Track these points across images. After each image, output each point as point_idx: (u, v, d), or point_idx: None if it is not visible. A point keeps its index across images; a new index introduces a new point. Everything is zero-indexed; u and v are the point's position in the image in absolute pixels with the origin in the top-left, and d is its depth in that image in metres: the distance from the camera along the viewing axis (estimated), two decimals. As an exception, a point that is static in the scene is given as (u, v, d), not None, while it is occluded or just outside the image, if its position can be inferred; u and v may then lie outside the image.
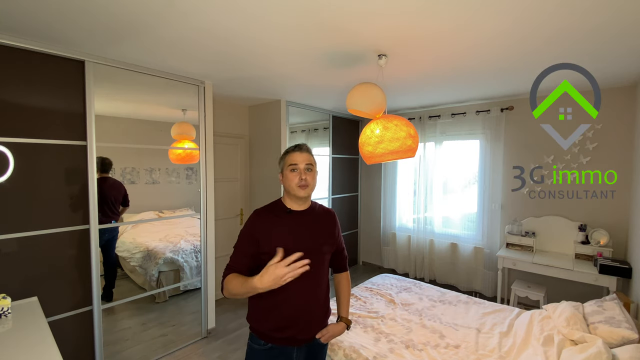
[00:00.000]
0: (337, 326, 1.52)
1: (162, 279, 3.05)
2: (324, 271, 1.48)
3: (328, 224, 1.52)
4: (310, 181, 1.41)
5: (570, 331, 2.02)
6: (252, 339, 1.44)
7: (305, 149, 1.45)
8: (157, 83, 2.73)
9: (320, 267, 1.44)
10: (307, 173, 1.41)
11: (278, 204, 1.47)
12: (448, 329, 2.31)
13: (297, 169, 1.40)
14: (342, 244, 1.62)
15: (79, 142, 2.30)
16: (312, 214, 1.48)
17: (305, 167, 1.41)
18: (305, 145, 1.46)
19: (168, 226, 3.17)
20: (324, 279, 1.48)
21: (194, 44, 2.13)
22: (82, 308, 2.35)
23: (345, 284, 1.64)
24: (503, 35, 1.96)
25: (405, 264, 4.72)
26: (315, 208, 1.53)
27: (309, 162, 1.42)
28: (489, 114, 3.83)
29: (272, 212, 1.43)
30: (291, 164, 1.41)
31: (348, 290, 1.64)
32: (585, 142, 3.27)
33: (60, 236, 2.25)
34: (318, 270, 1.42)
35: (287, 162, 1.43)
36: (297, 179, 1.39)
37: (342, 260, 1.63)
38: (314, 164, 1.46)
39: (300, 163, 1.41)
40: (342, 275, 1.65)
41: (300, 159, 1.41)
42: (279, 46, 2.16)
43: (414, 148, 2.18)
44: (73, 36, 2.00)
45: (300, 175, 1.39)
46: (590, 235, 3.19)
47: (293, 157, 1.42)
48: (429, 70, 2.69)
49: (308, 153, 1.45)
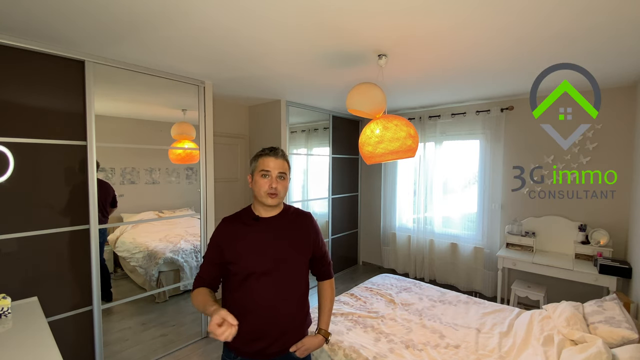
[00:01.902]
0: (313, 339, 1.42)
1: (162, 279, 3.05)
2: (299, 280, 1.38)
3: (302, 229, 1.42)
4: (280, 190, 1.33)
5: (570, 331, 2.02)
6: (224, 352, 1.38)
7: (281, 154, 1.35)
8: (157, 83, 2.73)
9: (292, 276, 1.35)
10: (278, 181, 1.32)
11: (247, 211, 1.40)
12: (448, 329, 2.31)
13: (269, 175, 1.31)
14: (322, 249, 1.49)
15: (79, 142, 2.30)
16: (284, 220, 1.39)
17: (278, 174, 1.32)
18: (281, 151, 1.37)
19: (168, 226, 3.17)
20: (300, 288, 1.38)
21: (194, 43, 2.13)
22: (82, 308, 2.35)
23: (327, 293, 1.52)
24: (502, 35, 1.96)
25: (405, 264, 4.72)
26: (289, 213, 1.43)
27: (282, 170, 1.33)
28: (489, 114, 3.83)
29: (240, 220, 1.36)
30: (263, 169, 1.32)
31: (330, 299, 1.52)
32: (585, 142, 3.27)
33: (60, 236, 2.25)
34: (290, 280, 1.34)
35: (259, 166, 1.33)
36: (267, 186, 1.31)
37: (323, 267, 1.52)
38: (288, 171, 1.37)
39: (273, 170, 1.32)
40: (325, 283, 1.53)
41: (274, 165, 1.32)
42: (279, 46, 2.17)
43: (414, 148, 2.18)
44: (73, 36, 2.00)
45: (271, 183, 1.31)
46: (590, 235, 3.20)
47: (266, 162, 1.32)
48: (429, 70, 2.69)
49: (283, 160, 1.35)
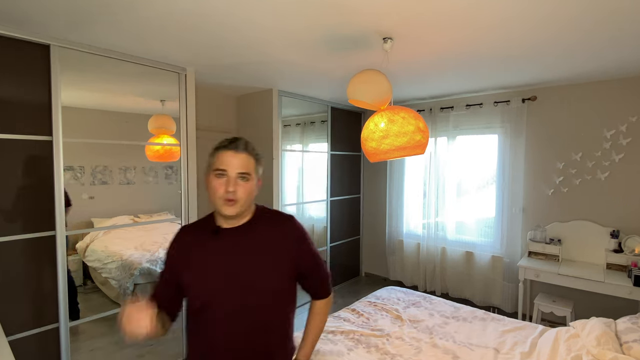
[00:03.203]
0: None
1: (138, 292, 3.03)
2: (278, 309, 1.21)
3: (281, 239, 1.21)
4: (241, 195, 1.12)
5: (601, 351, 2.01)
6: None
7: (243, 147, 1.14)
8: (132, 70, 2.71)
9: (266, 307, 1.17)
10: (239, 183, 1.11)
11: (208, 220, 1.25)
12: (462, 349, 2.31)
13: (225, 175, 1.11)
14: (311, 262, 1.28)
15: (44, 137, 2.28)
16: (253, 231, 1.20)
17: (239, 175, 1.11)
18: (244, 142, 1.16)
19: (145, 232, 3.16)
20: (279, 319, 1.22)
21: (175, 25, 2.11)
22: (47, 325, 2.34)
23: (316, 317, 1.34)
24: (522, 16, 1.95)
25: (414, 275, 4.71)
26: (260, 220, 1.23)
27: (244, 169, 1.12)
28: (509, 105, 3.83)
29: (199, 230, 1.23)
30: (218, 167, 1.12)
31: (319, 326, 1.35)
32: (618, 137, 3.28)
33: (21, 244, 2.23)
34: (264, 312, 1.16)
35: (214, 163, 1.13)
36: (221, 190, 1.10)
37: (318, 284, 1.32)
38: (253, 170, 1.16)
39: (230, 168, 1.11)
40: (317, 304, 1.34)
41: (233, 162, 1.11)
42: (270, 27, 2.15)
43: (423, 144, 2.17)
44: (36, 17, 1.98)
45: (227, 186, 1.10)
46: (623, 243, 3.19)
47: (222, 158, 1.12)
48: (440, 55, 2.68)
49: (247, 153, 1.14)
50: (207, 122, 3.98)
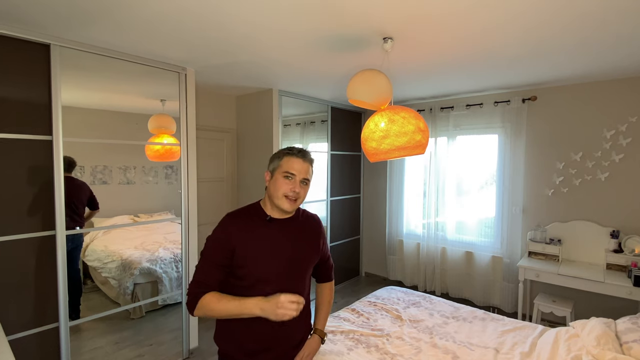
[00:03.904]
0: (312, 342, 1.53)
1: (137, 292, 3.04)
2: (307, 285, 1.48)
3: (313, 232, 1.50)
4: (302, 196, 1.37)
5: (601, 351, 2.02)
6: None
7: (309, 158, 1.40)
8: (132, 70, 2.71)
9: (302, 281, 1.43)
10: (301, 186, 1.36)
11: (256, 209, 1.42)
12: (462, 349, 2.31)
13: (293, 178, 1.34)
14: (327, 252, 1.63)
15: (44, 137, 2.29)
16: (296, 223, 1.45)
17: (302, 180, 1.36)
18: (310, 154, 1.41)
19: (145, 232, 3.16)
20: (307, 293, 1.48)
21: (175, 24, 2.12)
22: (47, 325, 2.34)
23: (327, 293, 1.67)
24: (524, 17, 1.96)
25: (414, 275, 4.72)
26: (300, 215, 1.50)
27: (307, 176, 1.38)
28: (509, 105, 3.83)
29: (249, 218, 1.38)
30: (287, 170, 1.34)
31: (330, 301, 1.67)
32: (617, 137, 3.28)
33: (21, 244, 2.23)
34: (301, 285, 1.42)
35: (282, 165, 1.36)
36: (288, 188, 1.33)
37: (326, 270, 1.65)
38: (311, 178, 1.42)
39: (298, 174, 1.35)
40: (325, 285, 1.67)
41: (301, 168, 1.35)
42: (270, 27, 2.16)
43: (423, 144, 2.17)
44: (36, 16, 1.98)
45: (294, 187, 1.34)
46: (623, 243, 3.20)
47: (292, 164, 1.35)
48: (441, 56, 2.68)
49: (310, 165, 1.40)
50: (207, 122, 3.98)
